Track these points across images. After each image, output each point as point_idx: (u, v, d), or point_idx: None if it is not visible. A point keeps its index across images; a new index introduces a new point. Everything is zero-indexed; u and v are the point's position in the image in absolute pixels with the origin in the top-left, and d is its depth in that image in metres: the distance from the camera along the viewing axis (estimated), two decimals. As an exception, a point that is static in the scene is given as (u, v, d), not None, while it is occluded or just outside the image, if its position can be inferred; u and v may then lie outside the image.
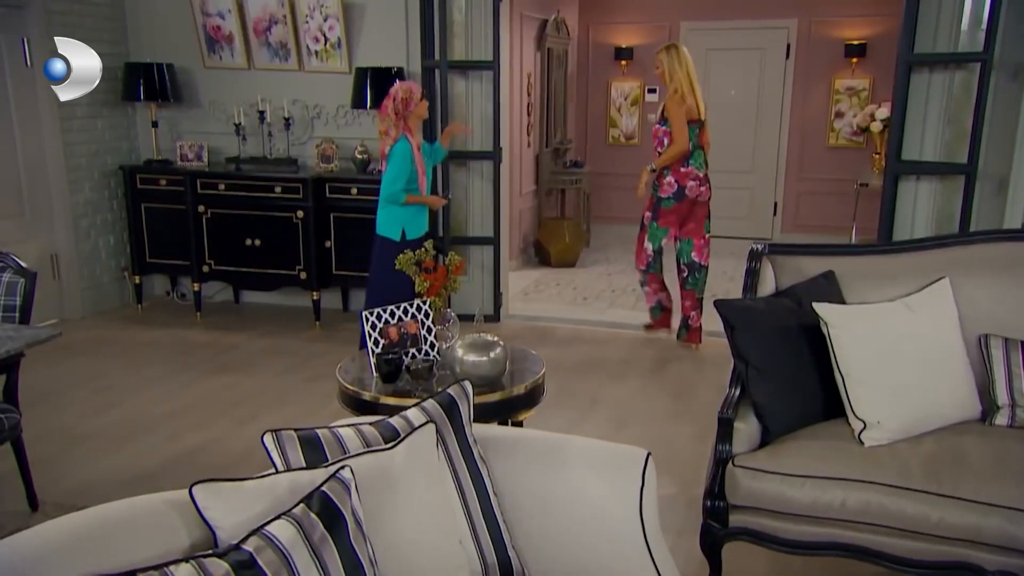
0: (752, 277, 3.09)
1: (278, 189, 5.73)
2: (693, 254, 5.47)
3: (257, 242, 5.83)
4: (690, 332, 5.48)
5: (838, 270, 3.06)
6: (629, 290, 6.92)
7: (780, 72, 8.86)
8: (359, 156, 5.79)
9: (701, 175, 5.51)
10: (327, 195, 5.71)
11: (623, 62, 9.23)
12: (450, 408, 2.01)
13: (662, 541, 2.05)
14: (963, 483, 2.39)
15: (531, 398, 2.91)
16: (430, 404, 2.01)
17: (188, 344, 5.53)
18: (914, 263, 3.04)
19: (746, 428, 2.71)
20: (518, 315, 6.12)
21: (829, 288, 3.00)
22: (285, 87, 6.05)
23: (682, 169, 5.44)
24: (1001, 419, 2.74)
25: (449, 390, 2.06)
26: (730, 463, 2.61)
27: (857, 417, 2.68)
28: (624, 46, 9.19)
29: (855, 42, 8.50)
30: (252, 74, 6.16)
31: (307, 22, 5.89)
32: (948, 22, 4.75)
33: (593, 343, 5.58)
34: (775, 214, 9.19)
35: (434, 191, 4.88)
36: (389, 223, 4.59)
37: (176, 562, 1.34)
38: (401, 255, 2.92)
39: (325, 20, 5.85)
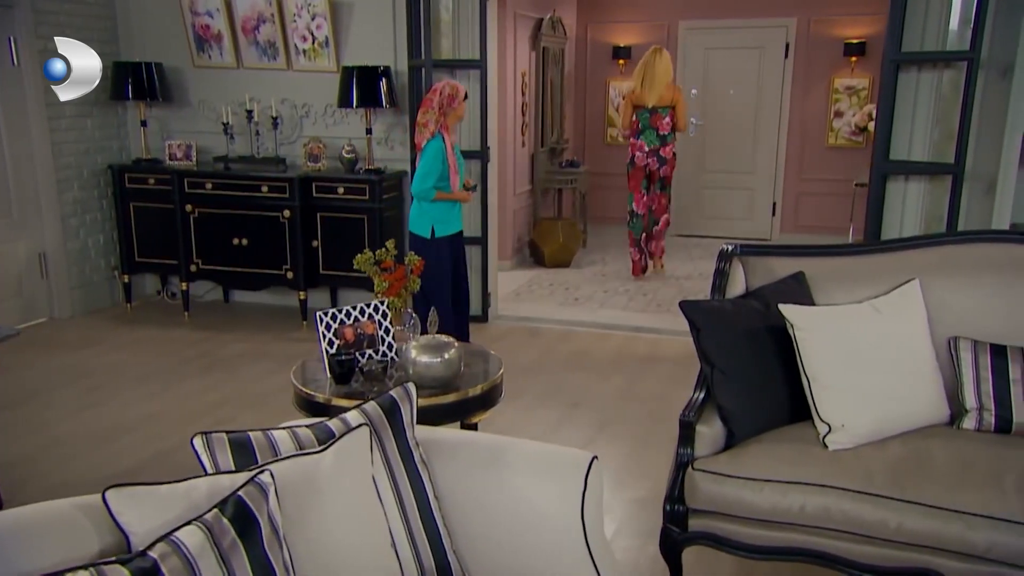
0: (721, 278, 3.05)
1: (265, 188, 5.71)
2: (653, 207, 7.28)
3: (244, 242, 5.82)
4: (653, 260, 7.42)
5: (809, 271, 3.02)
6: (622, 291, 6.87)
7: (779, 71, 8.80)
8: (346, 155, 5.76)
9: (648, 148, 7.04)
10: (314, 194, 5.69)
11: (621, 61, 9.19)
12: (391, 410, 1.98)
13: (606, 546, 2.01)
14: (925, 488, 2.35)
15: (487, 399, 2.87)
16: (370, 406, 1.98)
17: (175, 344, 5.52)
18: (885, 264, 2.99)
19: (709, 432, 2.67)
20: (508, 315, 6.09)
21: (799, 289, 2.95)
22: (274, 86, 6.04)
23: (633, 140, 7.12)
24: (969, 423, 2.69)
25: (392, 392, 2.03)
26: (690, 467, 2.57)
27: (823, 420, 2.64)
28: (622, 45, 9.14)
29: (854, 41, 8.42)
30: (241, 73, 6.15)
31: (295, 21, 5.87)
32: (936, 20, 4.69)
33: (581, 343, 5.54)
34: (774, 214, 9.12)
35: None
36: (420, 220, 4.63)
37: (74, 569, 1.31)
38: (359, 255, 2.89)
39: (313, 19, 5.83)
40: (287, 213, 5.67)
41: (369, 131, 5.70)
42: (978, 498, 2.29)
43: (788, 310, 2.74)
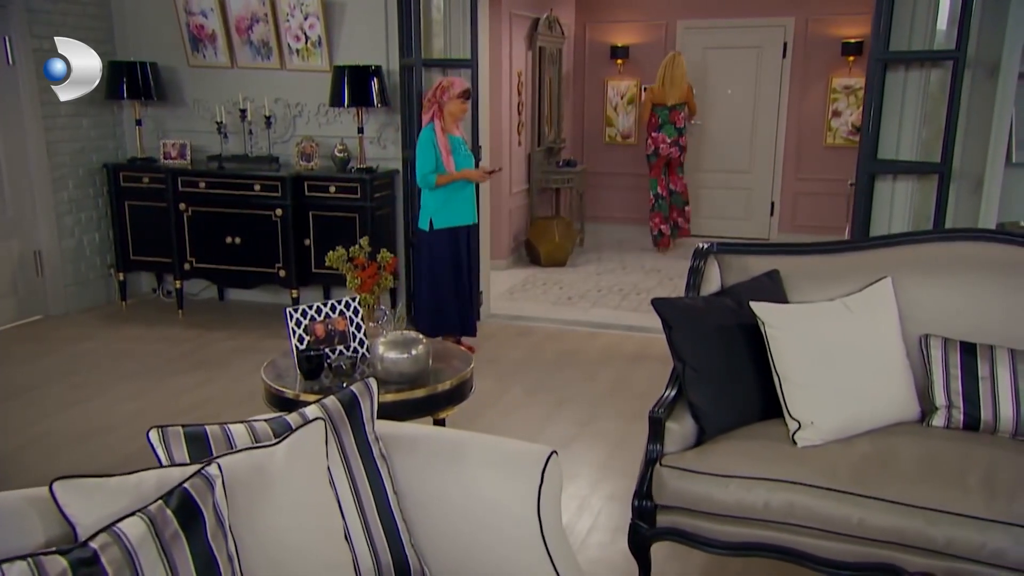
0: (695, 276, 3.07)
1: (257, 187, 5.74)
2: (676, 188, 8.52)
3: (237, 240, 5.85)
4: (680, 231, 8.56)
5: (784, 269, 3.03)
6: (615, 290, 6.88)
7: (777, 71, 8.79)
8: (339, 155, 5.79)
9: (670, 140, 8.22)
10: (306, 193, 5.72)
11: (619, 61, 9.19)
12: (351, 405, 2.00)
13: (564, 541, 2.02)
14: (887, 484, 2.35)
15: (456, 394, 2.90)
16: (330, 401, 2.00)
17: (167, 341, 5.56)
18: (859, 263, 3.00)
19: (680, 428, 2.69)
20: (499, 314, 6.10)
21: (772, 287, 2.96)
22: (268, 85, 6.07)
23: (654, 135, 8.25)
24: (938, 420, 2.69)
25: (352, 387, 2.05)
26: (658, 463, 2.58)
27: (792, 417, 2.65)
28: (620, 45, 9.14)
29: (852, 40, 8.40)
30: (235, 72, 6.18)
31: (288, 20, 5.90)
32: (924, 20, 4.68)
33: (571, 342, 5.55)
34: (772, 214, 9.11)
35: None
36: (422, 213, 4.80)
37: (11, 559, 1.33)
38: (331, 252, 2.92)
39: (306, 18, 5.86)
40: (279, 212, 5.70)
41: (361, 130, 5.73)
42: (939, 494, 2.30)
43: (759, 308, 2.75)
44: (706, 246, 3.14)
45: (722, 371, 2.76)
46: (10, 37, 5.74)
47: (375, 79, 5.57)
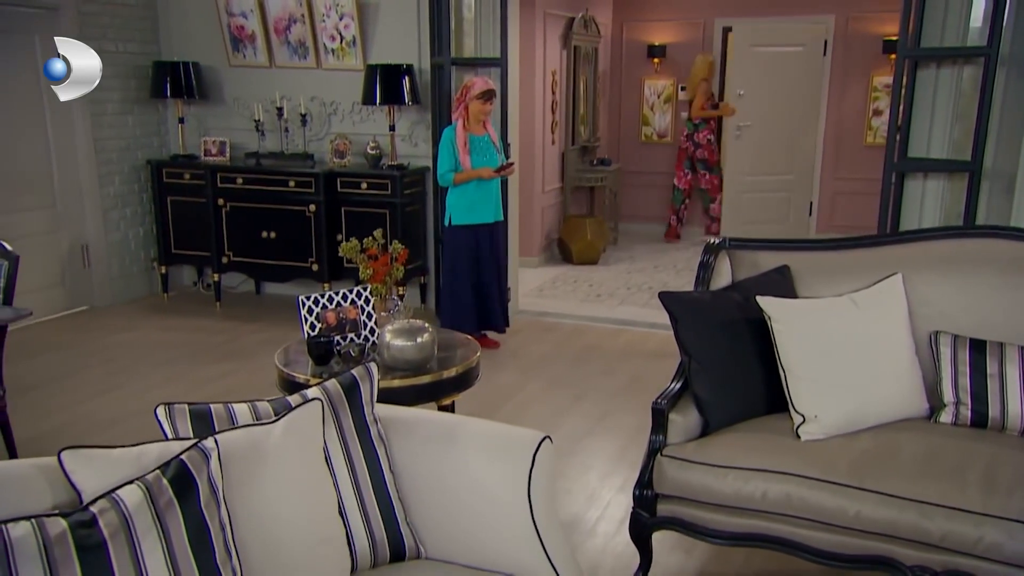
0: (704, 271, 3.10)
1: (292, 183, 5.89)
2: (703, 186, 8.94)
3: (272, 235, 6.01)
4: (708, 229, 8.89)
5: (794, 265, 3.04)
6: (644, 288, 6.90)
7: (817, 70, 8.69)
8: (371, 152, 5.91)
9: (684, 135, 8.85)
10: (339, 190, 5.85)
11: (656, 60, 9.18)
12: (351, 388, 2.08)
13: (555, 523, 2.07)
14: (885, 478, 2.36)
15: (462, 381, 2.99)
16: (331, 384, 2.08)
17: (203, 332, 5.73)
18: (871, 259, 3.00)
19: (684, 420, 2.72)
20: (527, 311, 6.16)
21: (781, 283, 2.98)
22: (304, 84, 6.22)
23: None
24: (945, 417, 2.69)
25: (353, 371, 2.13)
26: (659, 453, 2.62)
27: (797, 411, 2.67)
28: (657, 43, 9.13)
29: (893, 38, 8.25)
30: (273, 72, 6.34)
31: (324, 21, 6.04)
32: (957, 17, 4.63)
33: (594, 338, 5.59)
34: (811, 214, 9.01)
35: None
36: (444, 212, 4.95)
37: (16, 519, 1.43)
38: (345, 243, 3.01)
39: (341, 19, 5.99)
40: (313, 207, 5.84)
41: (392, 128, 5.84)
42: (936, 488, 2.30)
43: (765, 302, 2.77)
44: (717, 241, 3.17)
45: (727, 365, 2.79)
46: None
47: (406, 78, 5.67)
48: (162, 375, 4.89)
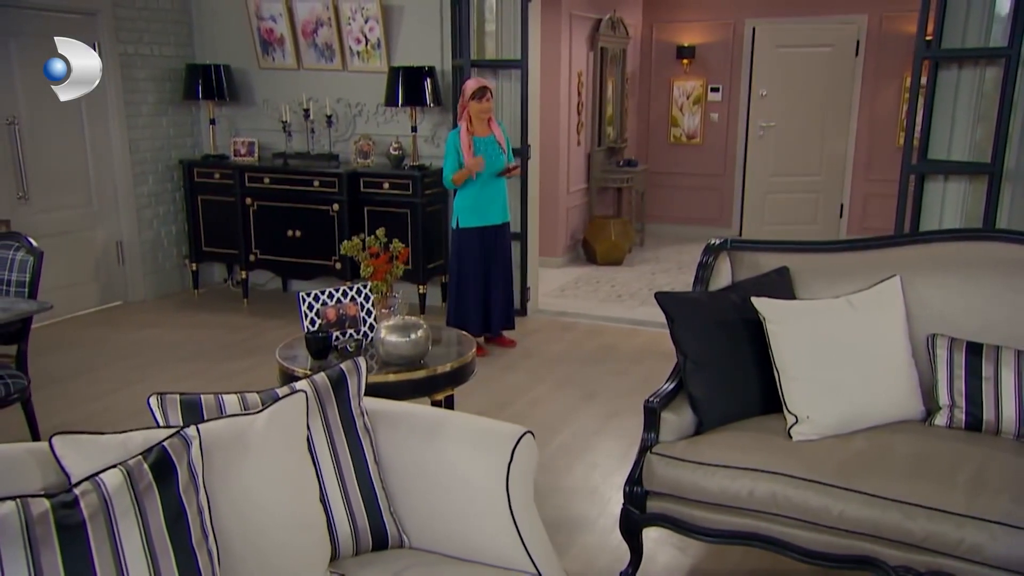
0: (704, 271, 3.12)
1: (316, 183, 6.01)
2: None
3: (297, 233, 6.13)
4: None
5: (794, 266, 3.05)
6: (667, 289, 6.87)
7: (849, 70, 8.60)
8: (394, 152, 6.00)
9: None
10: (361, 189, 5.95)
11: (685, 61, 9.16)
12: (338, 382, 2.16)
13: (533, 516, 2.12)
14: (870, 479, 2.37)
15: (456, 376, 3.05)
16: (319, 377, 2.16)
17: (227, 328, 5.87)
18: (871, 261, 3.00)
19: (677, 419, 2.75)
20: (547, 310, 6.21)
21: (780, 284, 2.99)
22: (330, 86, 6.33)
23: None
24: (940, 420, 2.69)
25: (341, 365, 2.20)
26: (649, 451, 2.66)
27: (790, 412, 2.69)
28: (686, 44, 9.11)
29: (928, 38, 8.14)
30: (301, 74, 6.47)
31: (350, 24, 6.15)
32: (979, 16, 4.57)
33: (610, 338, 5.62)
34: (841, 216, 8.93)
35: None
36: (452, 214, 5.06)
37: (3, 499, 1.53)
38: (346, 241, 3.08)
39: (366, 22, 6.09)
40: (336, 207, 5.95)
41: (414, 129, 5.92)
42: (922, 490, 2.31)
43: (760, 303, 2.79)
44: (718, 242, 3.19)
45: (722, 365, 2.81)
46: (99, 43, 6.14)
47: (428, 79, 5.75)
48: (187, 369, 5.03)
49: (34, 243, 3.63)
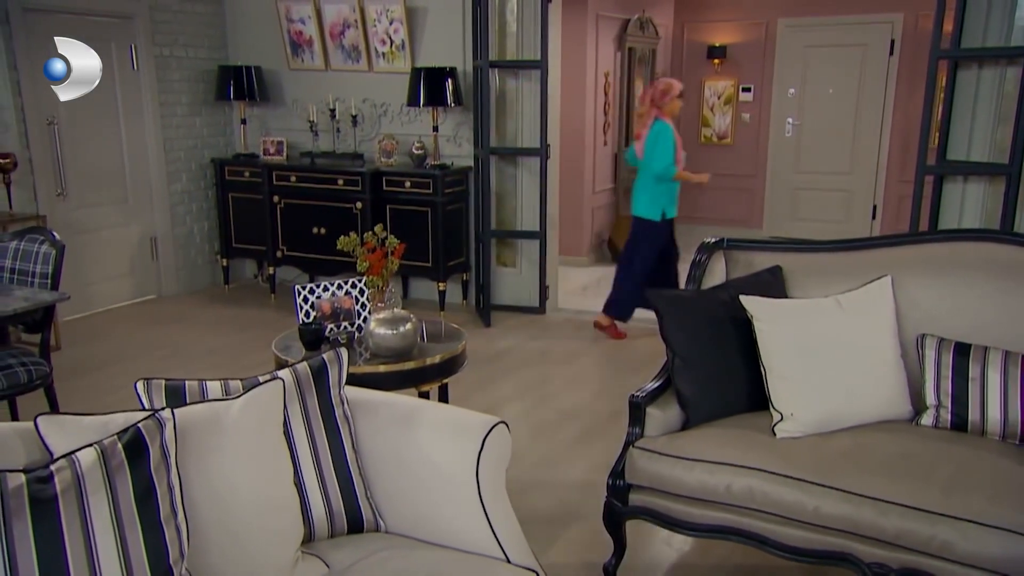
0: (697, 269, 3.16)
1: (341, 182, 6.13)
2: None
3: (323, 230, 6.26)
4: None
5: (788, 266, 3.06)
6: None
7: (883, 70, 8.50)
8: (416, 152, 6.10)
9: None
10: (384, 188, 6.07)
11: (716, 61, 9.12)
12: (319, 370, 2.24)
13: (503, 503, 2.18)
14: (846, 475, 2.39)
15: (446, 368, 3.12)
16: (301, 366, 2.24)
17: (253, 322, 6.02)
18: (864, 261, 3.00)
19: (663, 415, 2.79)
20: (566, 308, 6.26)
21: (772, 283, 3.00)
22: (357, 86, 6.46)
23: None
24: (926, 420, 2.68)
25: (324, 355, 2.29)
26: (632, 445, 2.70)
27: (776, 409, 2.71)
28: (718, 44, 9.07)
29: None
30: (329, 75, 6.60)
31: (375, 26, 6.27)
32: (1000, 15, 4.52)
33: (627, 337, 5.64)
34: (874, 217, 8.82)
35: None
36: (650, 206, 5.26)
37: (-17, 474, 1.63)
38: (343, 237, 3.17)
39: (391, 24, 6.21)
40: (359, 204, 6.07)
41: (436, 128, 6.01)
42: (895, 487, 2.32)
43: (748, 301, 2.81)
44: (713, 240, 3.21)
45: (710, 361, 2.84)
46: (135, 45, 6.35)
47: (449, 80, 5.84)
48: (211, 362, 5.19)
49: (57, 236, 3.78)
